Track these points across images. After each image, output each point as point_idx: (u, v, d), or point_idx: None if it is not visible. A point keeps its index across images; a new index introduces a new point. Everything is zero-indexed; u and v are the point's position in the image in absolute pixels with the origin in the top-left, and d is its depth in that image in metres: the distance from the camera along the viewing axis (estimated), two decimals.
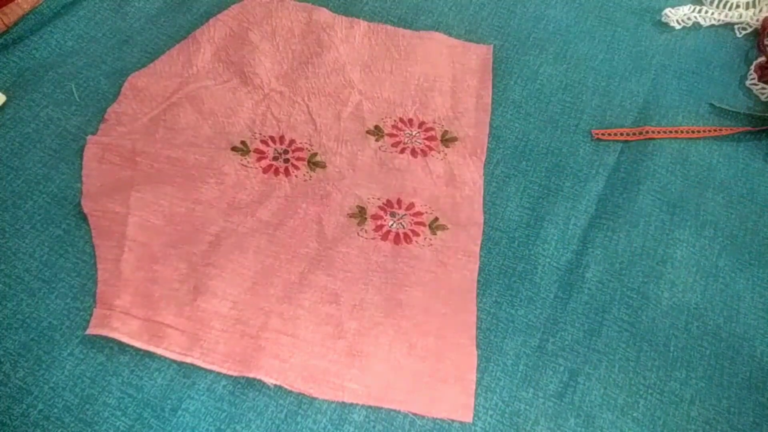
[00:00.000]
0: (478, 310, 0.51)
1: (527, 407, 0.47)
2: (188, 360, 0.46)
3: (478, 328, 0.50)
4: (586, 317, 0.51)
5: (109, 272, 0.49)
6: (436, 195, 0.56)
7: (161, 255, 0.50)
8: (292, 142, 0.58)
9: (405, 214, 0.55)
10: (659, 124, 0.62)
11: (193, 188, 0.54)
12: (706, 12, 0.71)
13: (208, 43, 0.63)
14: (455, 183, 0.57)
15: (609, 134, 0.61)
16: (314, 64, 0.63)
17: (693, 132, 0.62)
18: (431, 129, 0.60)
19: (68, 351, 0.47)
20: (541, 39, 0.68)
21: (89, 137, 0.56)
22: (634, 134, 0.61)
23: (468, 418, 0.46)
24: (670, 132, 0.62)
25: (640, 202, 0.57)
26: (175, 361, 0.47)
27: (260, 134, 0.58)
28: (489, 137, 0.60)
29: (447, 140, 0.59)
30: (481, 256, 0.53)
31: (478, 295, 0.51)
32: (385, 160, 0.58)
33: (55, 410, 0.45)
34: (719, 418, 0.48)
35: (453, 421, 0.46)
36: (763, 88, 0.64)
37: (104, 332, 0.47)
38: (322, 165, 0.57)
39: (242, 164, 0.56)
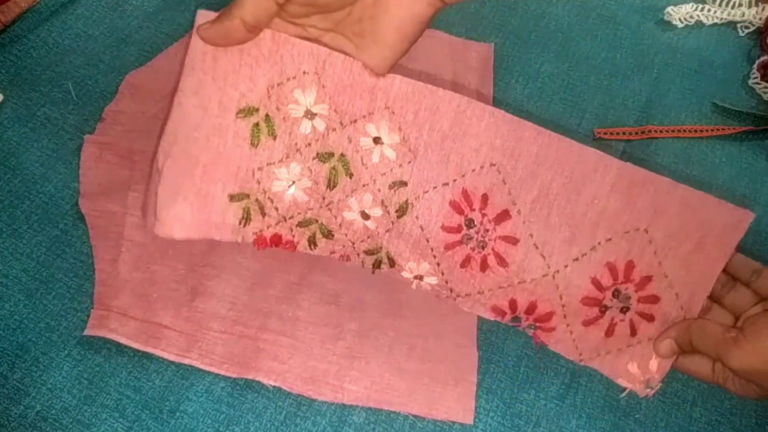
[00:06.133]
0: None
1: (529, 409, 0.47)
2: (186, 361, 0.46)
3: (478, 329, 0.50)
4: None
5: (106, 273, 0.49)
6: None
7: (159, 255, 0.50)
8: None
9: None
10: (662, 124, 0.62)
11: None
12: (709, 10, 0.70)
13: None
14: None
15: (611, 133, 0.61)
16: None
17: (696, 131, 0.61)
18: None
19: (66, 352, 0.47)
20: (542, 37, 0.68)
21: (87, 136, 0.55)
22: (636, 133, 0.61)
23: (469, 419, 0.46)
24: (673, 131, 0.61)
25: None
26: (173, 363, 0.46)
27: None
28: None
29: None
30: None
31: None
32: None
33: (53, 412, 0.44)
34: (721, 420, 0.48)
35: (453, 422, 0.46)
36: (766, 87, 0.64)
37: (102, 333, 0.46)
38: None
39: None
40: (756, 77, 0.65)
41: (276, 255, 0.51)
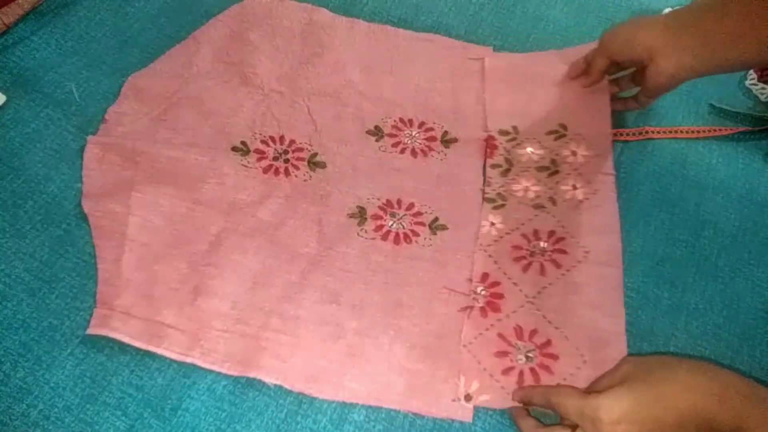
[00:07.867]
0: None
1: None
2: (188, 360, 0.46)
3: None
4: None
5: (109, 272, 0.49)
6: (436, 195, 0.56)
7: (162, 255, 0.50)
8: (292, 142, 0.58)
9: (405, 214, 0.55)
10: (659, 125, 0.62)
11: (193, 188, 0.54)
12: None
13: (208, 43, 0.63)
14: (455, 183, 0.57)
15: None
16: (314, 65, 0.63)
17: (692, 132, 0.62)
18: (431, 129, 0.60)
19: (68, 351, 0.47)
20: (540, 39, 0.68)
21: (89, 137, 0.56)
22: (633, 134, 0.61)
23: (468, 417, 0.46)
24: (670, 132, 0.62)
25: (640, 202, 0.57)
26: (175, 361, 0.47)
27: (260, 134, 0.58)
28: None
29: (447, 141, 0.60)
30: None
31: None
32: (385, 161, 0.58)
33: (56, 410, 0.45)
34: None
35: (453, 420, 0.46)
36: (763, 88, 0.64)
37: (104, 332, 0.47)
38: (322, 165, 0.57)
39: (242, 164, 0.56)
40: (752, 78, 0.65)
41: (277, 255, 0.52)
